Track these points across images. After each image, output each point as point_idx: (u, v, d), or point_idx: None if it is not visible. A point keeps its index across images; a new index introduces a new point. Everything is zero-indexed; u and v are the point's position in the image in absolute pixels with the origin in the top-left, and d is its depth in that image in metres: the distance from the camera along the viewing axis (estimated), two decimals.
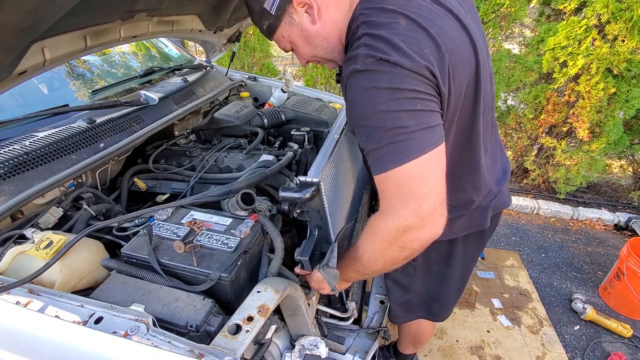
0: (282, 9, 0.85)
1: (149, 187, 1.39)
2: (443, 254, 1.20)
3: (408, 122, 0.71)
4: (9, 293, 0.81)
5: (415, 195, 0.73)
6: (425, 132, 0.72)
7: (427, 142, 0.73)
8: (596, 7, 2.69)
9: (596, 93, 2.86)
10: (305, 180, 0.94)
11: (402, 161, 0.72)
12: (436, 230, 0.76)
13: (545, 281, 2.65)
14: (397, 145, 0.72)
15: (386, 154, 0.74)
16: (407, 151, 0.72)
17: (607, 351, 2.14)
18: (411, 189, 0.73)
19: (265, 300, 0.82)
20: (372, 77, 0.72)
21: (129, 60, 2.05)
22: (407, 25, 0.72)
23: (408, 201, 0.73)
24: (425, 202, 0.73)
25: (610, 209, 3.53)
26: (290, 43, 0.94)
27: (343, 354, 1.22)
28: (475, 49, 0.83)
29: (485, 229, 1.15)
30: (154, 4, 1.23)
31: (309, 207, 1.02)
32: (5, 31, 0.77)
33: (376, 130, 0.74)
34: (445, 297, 1.32)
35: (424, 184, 0.73)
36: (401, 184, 0.74)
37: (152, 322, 0.74)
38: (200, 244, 0.96)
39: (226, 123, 1.68)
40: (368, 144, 0.77)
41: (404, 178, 0.73)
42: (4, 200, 0.98)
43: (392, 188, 0.76)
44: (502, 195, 1.13)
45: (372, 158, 0.78)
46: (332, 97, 2.23)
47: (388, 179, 0.75)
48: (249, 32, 4.58)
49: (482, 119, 0.91)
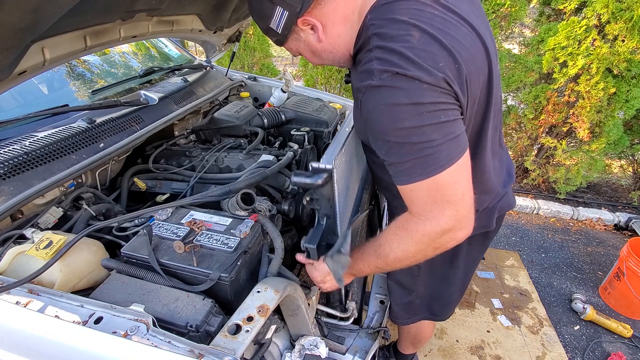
0: (288, 29, 0.86)
1: (149, 187, 1.39)
2: (447, 255, 1.18)
3: (433, 136, 0.70)
4: (9, 293, 0.81)
5: (450, 202, 0.74)
6: (452, 143, 0.72)
7: (454, 153, 0.73)
8: (596, 7, 2.69)
9: (596, 93, 2.86)
10: (318, 166, 0.92)
11: (432, 174, 0.72)
12: (470, 229, 0.79)
13: (545, 281, 2.65)
14: (424, 159, 0.72)
15: (413, 167, 0.73)
16: (434, 164, 0.72)
17: (607, 351, 2.14)
18: (445, 196, 0.74)
19: (265, 300, 0.82)
20: (390, 93, 0.70)
21: (129, 60, 2.05)
22: (420, 38, 0.70)
23: (444, 207, 0.75)
24: (461, 207, 0.75)
25: (610, 209, 3.53)
26: (298, 53, 0.96)
27: (343, 354, 1.22)
28: (488, 55, 0.82)
29: (490, 230, 1.16)
30: (154, 4, 1.23)
31: (319, 194, 1.00)
32: (5, 31, 0.77)
33: (399, 146, 0.73)
34: (448, 297, 1.33)
35: (456, 191, 0.74)
36: (434, 193, 0.75)
37: (152, 322, 0.74)
38: (200, 244, 0.96)
39: (226, 123, 1.68)
40: (390, 157, 0.76)
41: (436, 188, 0.74)
42: (4, 200, 0.98)
43: (423, 196, 0.76)
44: (507, 197, 1.13)
45: (396, 170, 0.77)
46: (332, 97, 2.23)
47: (417, 189, 0.76)
48: (249, 32, 4.58)
49: (491, 123, 0.92)
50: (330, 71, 4.49)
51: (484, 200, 1.06)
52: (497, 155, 1.06)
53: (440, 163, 0.71)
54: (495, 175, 1.04)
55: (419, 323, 1.50)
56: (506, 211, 1.17)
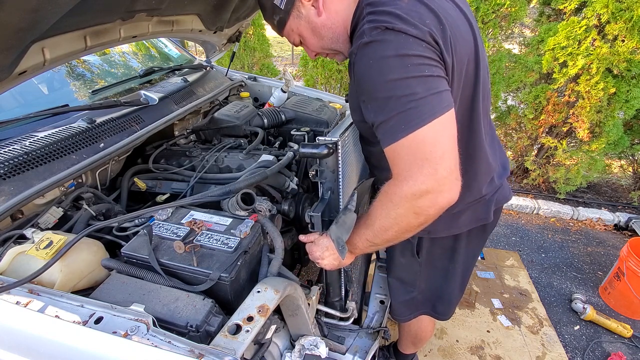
0: (291, 3, 0.93)
1: (149, 187, 1.39)
2: (447, 249, 1.20)
3: (417, 89, 0.73)
4: (9, 293, 0.81)
5: (429, 160, 0.73)
6: (435, 98, 0.74)
7: (437, 108, 0.74)
8: (596, 7, 2.69)
9: (596, 93, 2.86)
10: (324, 139, 0.99)
11: (414, 128, 0.73)
12: (452, 196, 0.76)
13: (545, 281, 2.65)
14: (407, 113, 0.73)
15: (397, 123, 0.75)
16: (417, 117, 0.73)
17: (607, 351, 2.14)
18: (424, 153, 0.73)
19: (265, 300, 0.82)
20: (378, 47, 0.75)
21: (129, 60, 2.05)
22: (409, 2, 0.78)
23: (423, 165, 0.73)
24: (440, 165, 0.73)
25: (610, 209, 3.53)
26: (299, 36, 1.00)
27: (343, 354, 1.22)
28: (473, 32, 0.89)
29: (488, 224, 1.17)
30: (154, 4, 1.23)
31: (324, 165, 1.04)
32: (5, 31, 0.77)
33: (386, 101, 0.76)
34: (449, 294, 1.33)
35: (436, 148, 0.73)
36: (414, 150, 0.74)
37: (152, 322, 0.74)
38: (200, 244, 0.96)
39: (226, 123, 1.68)
40: (378, 116, 0.78)
41: (417, 144, 0.74)
42: (4, 200, 0.98)
43: (404, 155, 0.76)
44: (503, 189, 1.15)
45: (383, 130, 0.78)
46: (332, 97, 2.23)
47: (400, 147, 0.76)
48: (249, 32, 4.58)
49: (481, 104, 0.94)
50: (330, 71, 4.49)
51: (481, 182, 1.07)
52: (489, 142, 1.07)
53: (422, 117, 0.73)
54: (491, 157, 1.06)
55: (420, 321, 1.50)
56: (503, 204, 1.18)
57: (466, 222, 1.12)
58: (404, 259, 1.25)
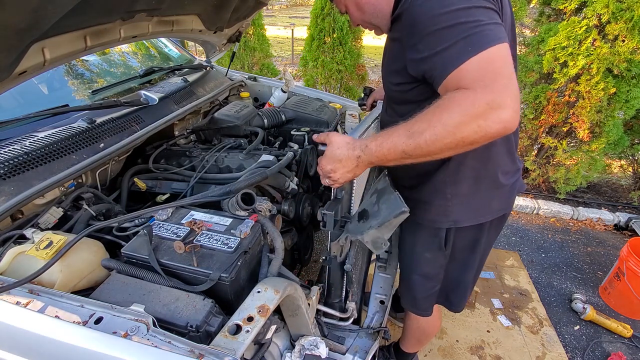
0: None
1: (149, 187, 1.39)
2: (471, 240, 1.21)
3: (482, 17, 0.74)
4: (9, 293, 0.81)
5: (502, 74, 0.71)
6: (498, 27, 0.75)
7: (501, 34, 0.74)
8: (596, 7, 2.68)
9: (596, 93, 2.86)
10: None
11: (482, 48, 0.72)
12: (516, 122, 0.72)
13: (545, 281, 2.65)
14: (473, 37, 0.73)
15: (463, 46, 0.74)
16: (485, 39, 0.73)
17: (607, 351, 2.14)
18: (497, 68, 0.72)
19: (265, 300, 0.82)
20: None
21: (128, 60, 2.05)
22: None
23: (497, 77, 0.71)
24: (511, 83, 0.71)
25: (610, 209, 3.53)
26: (344, 6, 1.05)
27: (343, 354, 1.22)
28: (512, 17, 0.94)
29: (506, 213, 1.20)
30: (154, 4, 1.23)
31: None
32: (5, 31, 0.77)
33: (449, 29, 0.75)
34: (465, 284, 1.33)
35: (506, 67, 0.72)
36: (485, 66, 0.72)
37: (152, 322, 0.74)
38: (200, 244, 0.96)
39: (226, 123, 1.68)
40: (437, 47, 0.77)
41: (487, 61, 0.72)
42: (4, 200, 0.98)
43: (475, 72, 0.73)
44: (520, 179, 1.20)
45: (444, 57, 0.76)
46: (332, 97, 2.23)
47: (467, 67, 0.73)
48: (249, 32, 4.58)
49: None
50: (330, 71, 4.49)
51: (516, 162, 1.13)
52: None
53: (489, 39, 0.73)
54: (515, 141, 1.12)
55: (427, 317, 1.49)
56: (518, 193, 1.22)
57: (493, 209, 1.14)
58: (429, 254, 1.24)
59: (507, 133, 0.73)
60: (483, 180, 1.09)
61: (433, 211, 1.14)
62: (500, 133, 0.72)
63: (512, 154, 1.12)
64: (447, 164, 1.06)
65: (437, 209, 1.13)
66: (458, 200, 1.11)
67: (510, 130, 0.72)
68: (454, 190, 1.10)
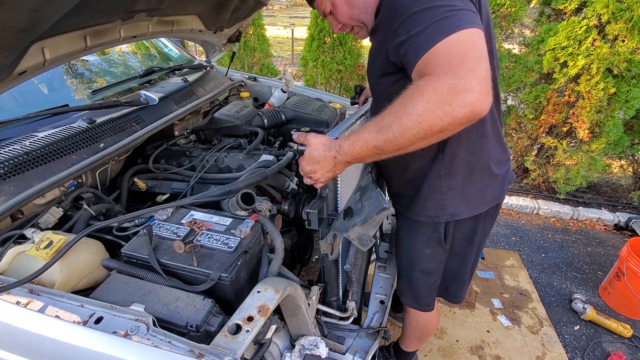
0: None
1: (149, 187, 1.39)
2: (468, 232, 1.23)
3: (456, 3, 0.75)
4: (9, 293, 0.81)
5: (468, 57, 0.70)
6: (472, 13, 0.76)
7: (474, 19, 0.75)
8: (596, 7, 2.69)
9: (596, 93, 2.86)
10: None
11: (452, 31, 0.72)
12: (485, 105, 0.69)
13: (545, 281, 2.65)
14: (446, 20, 0.74)
15: (435, 30, 0.74)
16: (455, 23, 0.73)
17: (607, 351, 2.14)
18: (464, 52, 0.71)
19: (265, 300, 0.82)
20: None
21: (128, 60, 2.05)
22: None
23: (462, 61, 0.70)
24: (479, 65, 0.69)
25: (610, 209, 3.53)
26: (330, 5, 1.03)
27: (343, 354, 1.22)
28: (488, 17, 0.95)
29: (500, 203, 1.23)
30: (154, 4, 1.23)
31: None
32: (5, 31, 0.77)
33: (424, 12, 0.76)
34: (464, 275, 1.35)
35: (476, 49, 0.71)
36: (452, 50, 0.71)
37: (152, 322, 0.74)
38: (200, 244, 0.96)
39: (226, 123, 1.68)
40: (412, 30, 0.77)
41: (454, 44, 0.72)
42: (4, 200, 0.98)
43: (442, 56, 0.72)
44: (510, 170, 1.23)
45: (416, 42, 0.76)
46: (332, 97, 2.23)
47: (436, 52, 0.73)
48: (249, 32, 4.58)
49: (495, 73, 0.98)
50: (330, 71, 4.49)
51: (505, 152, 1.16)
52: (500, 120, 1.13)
53: (461, 22, 0.73)
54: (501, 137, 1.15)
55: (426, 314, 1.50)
56: (509, 184, 1.23)
57: (486, 200, 1.16)
58: (429, 250, 1.25)
59: (477, 117, 0.70)
60: (476, 171, 1.10)
61: (430, 206, 1.16)
62: (468, 117, 0.70)
63: (501, 142, 1.15)
64: (441, 157, 1.07)
65: (434, 204, 1.15)
66: (453, 192, 1.12)
67: (480, 115, 0.70)
68: (449, 182, 1.11)
